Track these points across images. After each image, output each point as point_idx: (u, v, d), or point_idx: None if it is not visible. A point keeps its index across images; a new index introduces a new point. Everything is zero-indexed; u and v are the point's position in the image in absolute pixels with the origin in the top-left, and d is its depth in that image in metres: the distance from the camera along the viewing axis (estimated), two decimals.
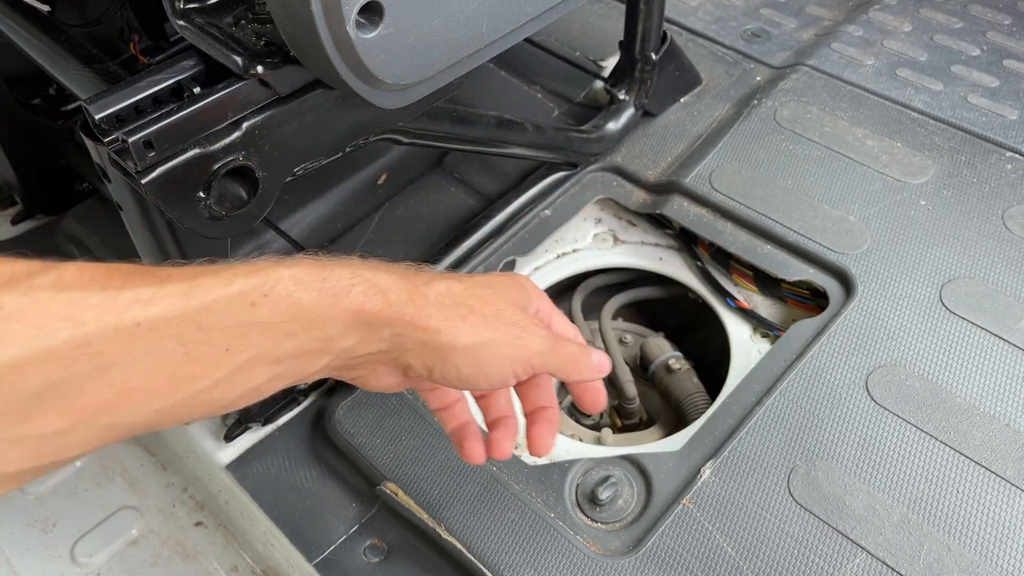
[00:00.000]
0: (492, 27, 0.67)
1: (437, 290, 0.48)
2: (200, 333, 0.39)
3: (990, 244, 0.89)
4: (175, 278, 0.40)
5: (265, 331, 0.41)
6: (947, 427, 0.74)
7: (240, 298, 0.41)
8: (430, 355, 0.47)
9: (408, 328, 0.46)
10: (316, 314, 0.43)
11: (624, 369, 0.92)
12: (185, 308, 0.39)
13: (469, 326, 0.48)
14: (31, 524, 0.93)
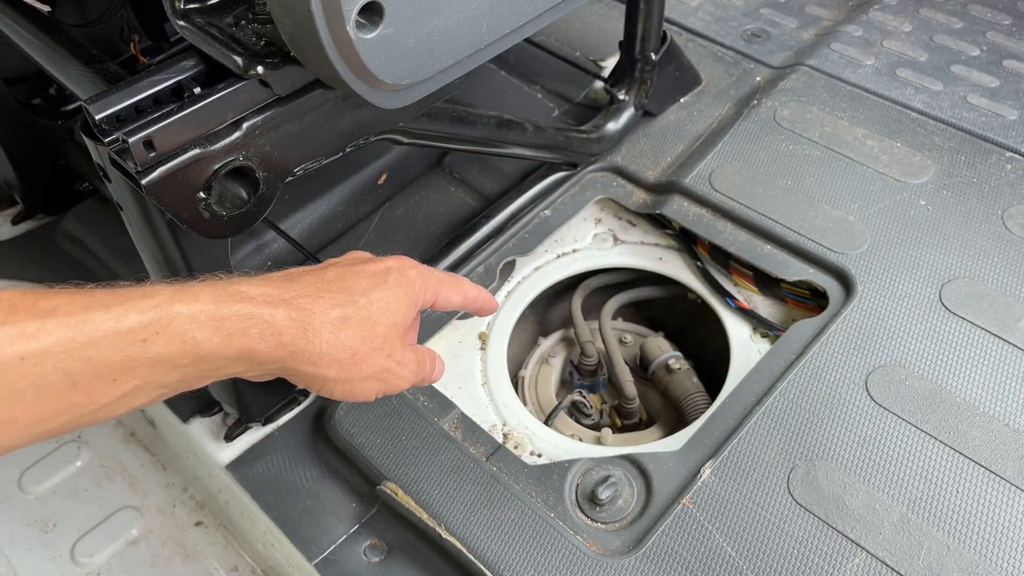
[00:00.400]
0: (492, 27, 0.67)
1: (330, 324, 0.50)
2: (87, 366, 0.41)
3: (990, 244, 0.89)
4: (63, 311, 0.40)
5: (154, 365, 0.43)
6: (947, 427, 0.74)
7: (131, 335, 0.42)
8: (311, 382, 0.52)
9: (295, 363, 0.49)
10: (207, 351, 0.45)
11: (624, 369, 0.92)
12: (72, 343, 0.40)
13: (349, 367, 0.52)
14: (31, 524, 0.93)
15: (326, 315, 0.50)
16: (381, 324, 0.53)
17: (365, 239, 0.98)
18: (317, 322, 0.50)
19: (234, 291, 0.47)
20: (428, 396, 0.80)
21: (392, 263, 0.57)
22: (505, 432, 0.82)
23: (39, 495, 0.95)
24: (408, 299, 0.56)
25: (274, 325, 0.47)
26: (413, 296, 0.57)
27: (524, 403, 0.91)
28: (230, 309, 0.46)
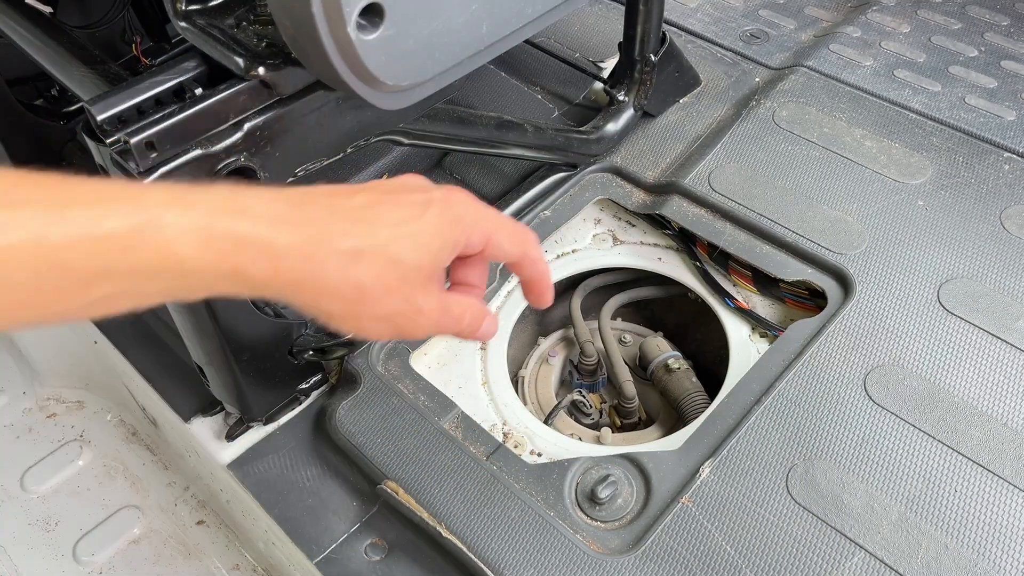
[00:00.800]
0: (492, 29, 0.67)
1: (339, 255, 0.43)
2: (57, 268, 0.37)
3: (988, 244, 0.89)
4: (38, 204, 0.36)
5: (133, 274, 0.39)
6: (945, 426, 0.74)
7: (109, 241, 0.37)
8: (312, 313, 0.46)
9: (293, 292, 0.43)
10: (193, 267, 0.40)
11: (623, 369, 0.92)
12: (42, 241, 0.36)
13: (355, 304, 0.45)
14: (33, 523, 0.93)
15: (336, 245, 0.43)
16: (402, 264, 0.45)
17: None
18: (323, 252, 0.43)
19: (236, 205, 0.41)
20: (428, 396, 0.80)
21: (439, 194, 0.48)
22: (505, 431, 0.82)
23: (41, 494, 0.96)
24: (443, 240, 0.47)
25: (273, 249, 0.41)
26: (452, 236, 0.48)
27: (524, 403, 0.91)
28: (226, 225, 0.40)
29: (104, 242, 0.37)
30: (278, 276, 0.42)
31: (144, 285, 0.40)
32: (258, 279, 0.42)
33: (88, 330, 0.95)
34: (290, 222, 0.42)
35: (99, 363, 0.99)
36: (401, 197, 0.47)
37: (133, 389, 0.94)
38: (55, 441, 1.01)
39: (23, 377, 1.07)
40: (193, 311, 0.69)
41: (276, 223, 0.42)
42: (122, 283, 0.39)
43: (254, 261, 0.41)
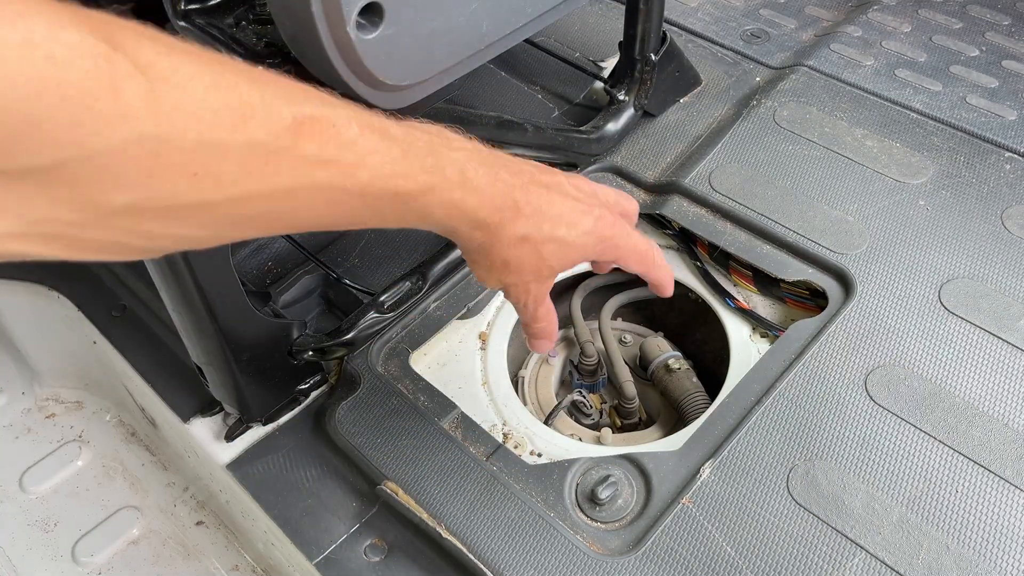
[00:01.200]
0: (492, 28, 0.67)
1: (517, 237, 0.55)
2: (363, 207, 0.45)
3: (989, 244, 0.89)
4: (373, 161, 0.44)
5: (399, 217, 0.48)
6: (946, 426, 0.74)
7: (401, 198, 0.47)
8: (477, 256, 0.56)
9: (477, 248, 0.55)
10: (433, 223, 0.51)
11: (624, 369, 0.92)
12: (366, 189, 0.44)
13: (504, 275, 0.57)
14: (32, 524, 0.93)
15: (514, 230, 0.54)
16: (546, 261, 0.57)
17: (365, 239, 0.98)
18: (505, 234, 0.54)
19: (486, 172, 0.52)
20: (428, 396, 0.80)
21: (598, 211, 0.59)
22: (505, 432, 0.82)
23: (40, 495, 0.95)
24: (584, 254, 0.58)
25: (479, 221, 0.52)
26: (592, 252, 0.59)
27: (524, 403, 0.91)
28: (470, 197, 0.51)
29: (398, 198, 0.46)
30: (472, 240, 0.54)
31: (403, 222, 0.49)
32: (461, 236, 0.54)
33: (87, 330, 0.95)
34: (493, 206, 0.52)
35: (98, 363, 0.99)
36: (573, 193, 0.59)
37: (132, 389, 0.94)
38: (54, 441, 1.00)
39: (22, 377, 1.07)
40: (193, 311, 0.69)
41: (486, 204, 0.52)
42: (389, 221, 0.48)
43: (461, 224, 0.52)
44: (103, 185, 0.34)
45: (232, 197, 0.38)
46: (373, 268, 0.94)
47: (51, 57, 0.30)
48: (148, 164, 0.34)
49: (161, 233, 0.38)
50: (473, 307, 0.91)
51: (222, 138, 0.36)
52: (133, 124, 0.33)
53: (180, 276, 0.66)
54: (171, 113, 0.34)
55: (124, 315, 0.94)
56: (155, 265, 0.66)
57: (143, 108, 0.33)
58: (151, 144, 0.34)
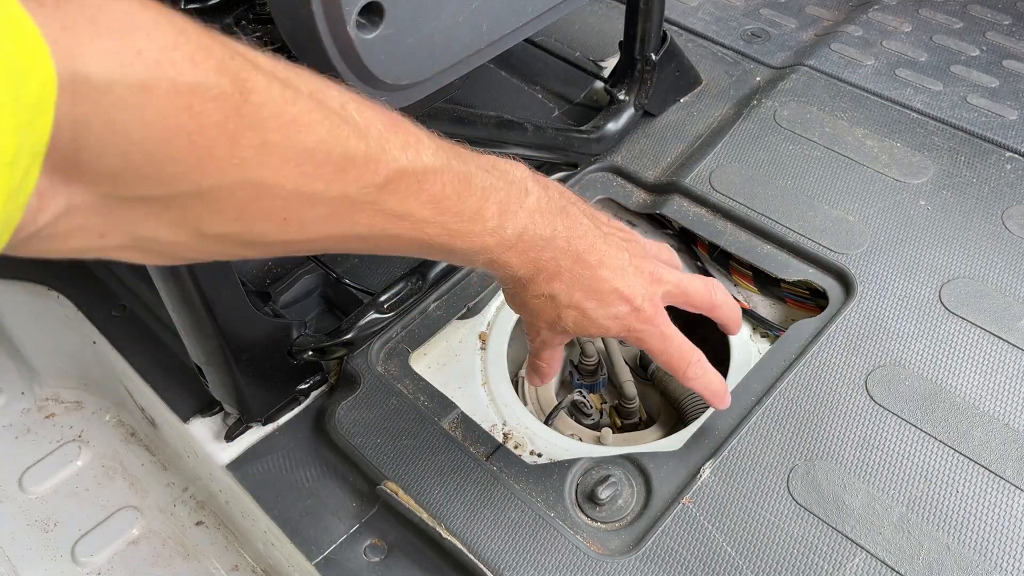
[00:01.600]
0: (492, 27, 0.67)
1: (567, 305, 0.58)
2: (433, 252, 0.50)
3: (989, 244, 0.89)
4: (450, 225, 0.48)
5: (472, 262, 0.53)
6: (946, 427, 0.74)
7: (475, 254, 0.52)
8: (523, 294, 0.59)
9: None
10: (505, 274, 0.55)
11: (624, 369, 0.92)
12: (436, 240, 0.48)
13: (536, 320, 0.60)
14: (32, 524, 0.93)
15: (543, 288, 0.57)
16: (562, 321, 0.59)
17: None
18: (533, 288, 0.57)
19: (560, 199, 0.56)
20: (428, 396, 0.80)
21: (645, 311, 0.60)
22: (505, 432, 0.82)
23: (40, 495, 0.95)
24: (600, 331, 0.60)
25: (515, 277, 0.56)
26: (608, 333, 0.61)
27: (524, 403, 0.91)
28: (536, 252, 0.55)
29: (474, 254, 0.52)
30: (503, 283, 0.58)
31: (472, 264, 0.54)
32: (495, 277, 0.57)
33: (87, 330, 0.95)
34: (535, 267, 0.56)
35: (98, 363, 0.99)
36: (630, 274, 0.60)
37: (132, 389, 0.94)
38: (54, 441, 1.00)
39: (22, 377, 1.07)
40: (192, 311, 0.69)
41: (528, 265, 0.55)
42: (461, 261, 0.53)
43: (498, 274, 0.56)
44: (205, 217, 0.36)
45: (311, 239, 0.42)
46: (373, 268, 0.94)
47: (190, 108, 0.32)
48: (247, 206, 0.37)
49: (237, 254, 0.41)
50: (473, 307, 0.90)
51: (317, 190, 0.39)
52: (243, 171, 0.35)
53: (180, 276, 0.65)
54: (278, 165, 0.37)
55: (124, 315, 0.94)
56: (155, 265, 0.66)
57: (255, 160, 0.35)
58: (253, 190, 0.36)
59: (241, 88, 0.34)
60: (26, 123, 0.26)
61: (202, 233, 0.37)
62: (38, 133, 0.27)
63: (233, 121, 0.34)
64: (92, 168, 0.31)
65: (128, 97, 0.30)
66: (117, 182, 0.32)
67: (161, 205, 0.35)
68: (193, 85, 0.32)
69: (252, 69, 0.35)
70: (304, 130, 0.37)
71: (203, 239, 0.38)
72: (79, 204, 0.32)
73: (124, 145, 0.31)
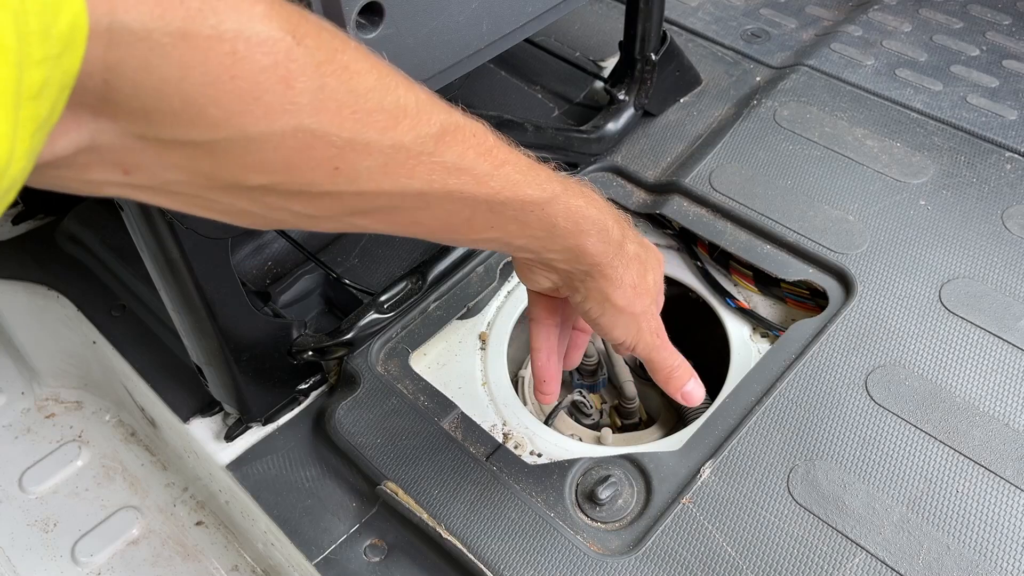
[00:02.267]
0: (492, 27, 0.67)
1: (632, 253, 0.56)
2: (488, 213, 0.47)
3: (989, 244, 0.89)
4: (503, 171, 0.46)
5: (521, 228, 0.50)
6: (946, 427, 0.74)
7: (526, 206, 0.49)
8: (594, 296, 0.56)
9: (598, 273, 0.55)
10: (557, 235, 0.52)
11: (624, 369, 0.92)
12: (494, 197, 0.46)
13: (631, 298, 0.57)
14: (32, 524, 0.93)
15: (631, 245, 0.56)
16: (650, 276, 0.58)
17: (365, 239, 0.98)
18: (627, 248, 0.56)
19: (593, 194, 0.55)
20: (428, 396, 0.80)
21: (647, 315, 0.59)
22: (505, 432, 0.82)
23: (40, 495, 0.95)
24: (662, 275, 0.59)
25: (609, 233, 0.54)
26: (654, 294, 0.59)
27: (524, 403, 0.91)
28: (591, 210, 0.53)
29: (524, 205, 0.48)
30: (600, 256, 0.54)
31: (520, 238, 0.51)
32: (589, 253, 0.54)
33: (86, 330, 0.95)
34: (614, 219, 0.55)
35: (98, 363, 0.99)
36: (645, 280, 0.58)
37: (132, 389, 0.94)
38: (53, 442, 1.00)
39: (22, 377, 1.07)
40: (192, 311, 0.69)
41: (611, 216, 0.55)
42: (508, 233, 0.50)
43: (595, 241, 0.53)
44: (246, 166, 0.35)
45: (363, 191, 0.40)
46: (373, 268, 0.94)
47: (234, 52, 0.31)
48: (297, 155, 0.36)
49: (281, 207, 0.39)
50: (473, 307, 0.90)
51: (372, 138, 0.38)
52: (295, 117, 0.34)
53: (180, 276, 0.65)
54: (334, 110, 0.35)
55: (124, 315, 0.94)
56: (155, 265, 0.66)
57: (309, 104, 0.34)
58: (306, 137, 0.35)
59: (294, 32, 0.33)
60: (54, 56, 0.26)
61: (243, 184, 0.36)
62: (65, 67, 0.27)
63: (284, 66, 0.33)
64: (124, 107, 0.30)
65: (165, 44, 0.29)
66: (152, 123, 0.31)
67: (201, 150, 0.33)
68: (237, 31, 0.31)
69: (302, 16, 0.35)
70: (357, 76, 0.36)
71: (243, 190, 0.37)
72: (106, 140, 0.31)
73: (159, 87, 0.30)
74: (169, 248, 0.64)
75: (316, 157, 0.36)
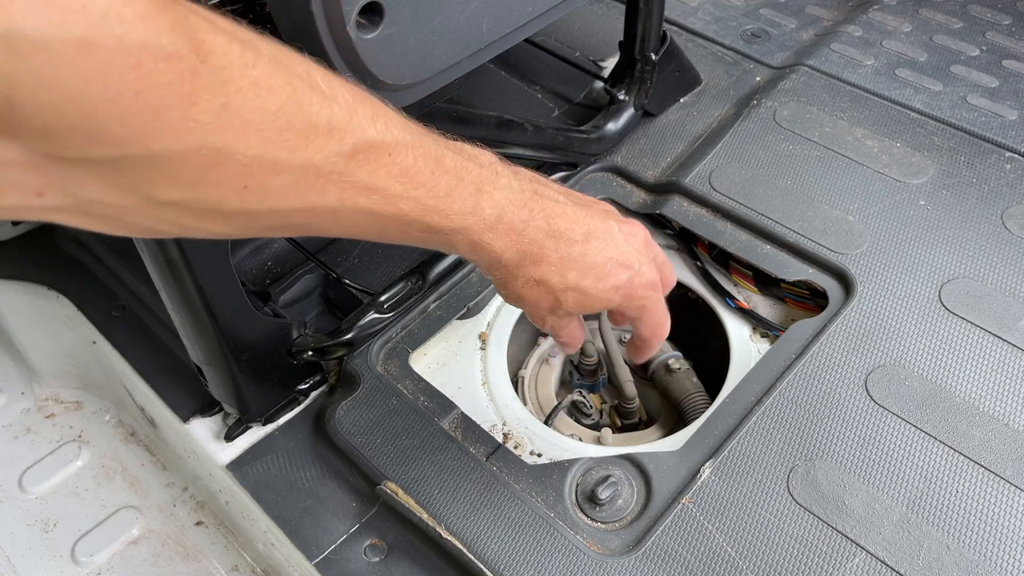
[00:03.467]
0: (492, 27, 0.67)
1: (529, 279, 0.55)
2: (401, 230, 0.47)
3: (989, 244, 0.89)
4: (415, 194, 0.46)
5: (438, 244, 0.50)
6: (946, 426, 0.74)
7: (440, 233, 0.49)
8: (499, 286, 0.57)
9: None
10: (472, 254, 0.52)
11: (624, 369, 0.92)
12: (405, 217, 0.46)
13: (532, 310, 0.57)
14: (32, 524, 0.93)
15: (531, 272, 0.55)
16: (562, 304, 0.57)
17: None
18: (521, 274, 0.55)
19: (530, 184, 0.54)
20: (428, 396, 0.80)
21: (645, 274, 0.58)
22: (505, 432, 0.82)
23: (40, 495, 0.95)
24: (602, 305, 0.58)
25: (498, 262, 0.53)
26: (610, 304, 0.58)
27: (524, 403, 0.91)
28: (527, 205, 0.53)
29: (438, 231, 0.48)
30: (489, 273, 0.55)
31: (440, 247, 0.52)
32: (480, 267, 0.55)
33: (86, 330, 0.95)
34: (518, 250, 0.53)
35: (98, 363, 0.99)
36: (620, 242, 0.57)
37: (132, 389, 0.94)
38: (53, 442, 1.00)
39: (22, 377, 1.07)
40: (192, 311, 0.69)
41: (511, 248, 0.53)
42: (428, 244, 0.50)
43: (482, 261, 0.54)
44: (157, 182, 0.34)
45: (274, 210, 0.39)
46: (373, 268, 0.94)
47: (139, 66, 0.30)
48: (203, 172, 0.35)
49: (196, 227, 0.39)
50: (473, 307, 0.90)
51: (281, 157, 0.37)
52: (200, 135, 0.33)
53: (180, 276, 0.65)
54: (238, 129, 0.35)
55: (124, 315, 0.94)
56: (155, 265, 0.66)
57: (213, 122, 0.34)
58: (211, 154, 0.34)
59: (198, 49, 0.32)
60: None
61: (154, 199, 0.35)
62: None
63: (189, 83, 0.32)
64: (26, 124, 0.29)
65: (65, 53, 0.28)
66: (54, 141, 0.31)
67: (108, 168, 0.33)
68: (143, 43, 0.30)
69: (211, 29, 0.34)
70: (265, 93, 0.36)
71: (155, 206, 0.36)
72: (12, 159, 0.31)
73: (59, 103, 0.29)
74: (169, 248, 0.64)
75: (223, 175, 0.36)
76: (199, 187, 0.36)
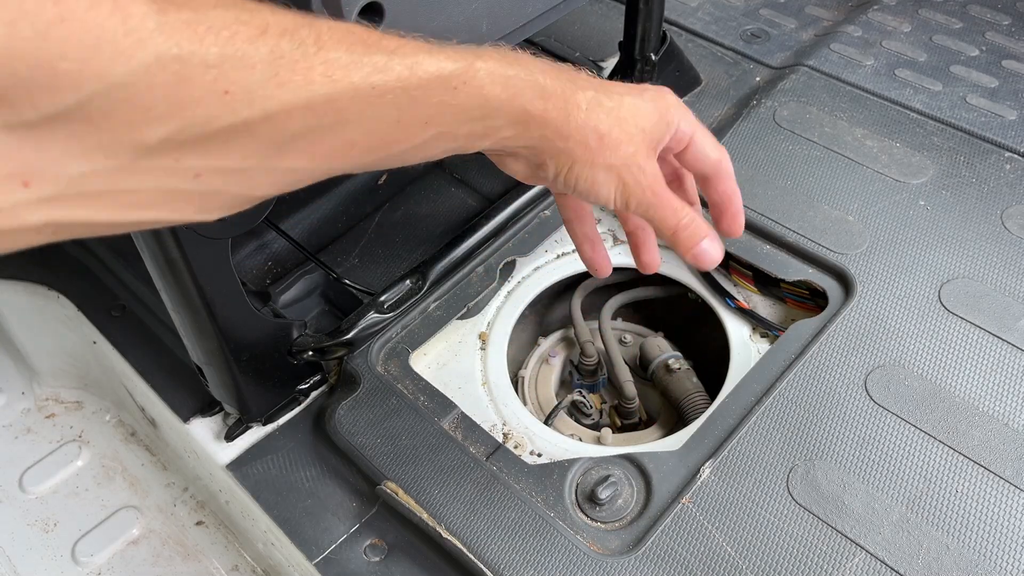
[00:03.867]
0: (492, 28, 0.67)
1: (585, 102, 0.51)
2: (412, 105, 0.43)
3: (989, 244, 0.89)
4: (401, 52, 0.43)
5: (455, 113, 0.46)
6: (946, 426, 0.74)
7: (446, 81, 0.45)
8: (562, 161, 0.52)
9: (554, 134, 0.51)
10: (494, 107, 0.47)
11: (624, 369, 0.92)
12: (408, 81, 0.42)
13: (594, 151, 0.52)
14: (32, 524, 0.93)
15: (584, 93, 0.51)
16: (629, 122, 0.53)
17: (365, 239, 0.98)
18: (577, 98, 0.51)
19: (514, 56, 0.50)
20: (428, 396, 0.80)
21: (651, 87, 0.56)
22: (505, 432, 0.82)
23: (40, 495, 0.95)
24: (659, 116, 0.54)
25: (544, 89, 0.49)
26: (666, 117, 0.55)
27: (524, 403, 0.91)
28: (514, 70, 0.48)
29: (444, 81, 0.44)
30: (545, 115, 0.50)
31: (460, 127, 0.47)
32: (534, 116, 0.49)
33: (86, 330, 0.95)
34: (550, 74, 0.50)
35: (98, 363, 0.99)
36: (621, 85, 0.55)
37: (132, 389, 0.94)
38: (54, 441, 1.00)
39: (22, 377, 1.07)
40: (192, 311, 0.69)
41: (543, 72, 0.50)
42: (447, 122, 0.46)
43: (533, 98, 0.49)
44: (133, 120, 0.33)
45: (270, 112, 0.37)
46: (373, 268, 0.94)
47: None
48: (175, 88, 0.33)
49: (207, 168, 0.37)
50: (473, 307, 0.91)
51: (245, 51, 0.35)
52: (148, 45, 0.32)
53: (180, 276, 0.66)
54: (184, 29, 0.33)
55: (124, 315, 0.94)
56: (155, 265, 0.66)
57: (154, 27, 0.32)
58: (173, 65, 0.33)
59: None
60: None
61: (141, 145, 0.33)
62: None
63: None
64: None
65: None
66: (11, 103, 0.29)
67: (76, 120, 0.31)
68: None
69: None
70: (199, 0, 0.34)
71: (147, 155, 0.34)
72: None
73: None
74: (169, 248, 0.64)
75: (197, 84, 0.34)
76: (179, 109, 0.34)
